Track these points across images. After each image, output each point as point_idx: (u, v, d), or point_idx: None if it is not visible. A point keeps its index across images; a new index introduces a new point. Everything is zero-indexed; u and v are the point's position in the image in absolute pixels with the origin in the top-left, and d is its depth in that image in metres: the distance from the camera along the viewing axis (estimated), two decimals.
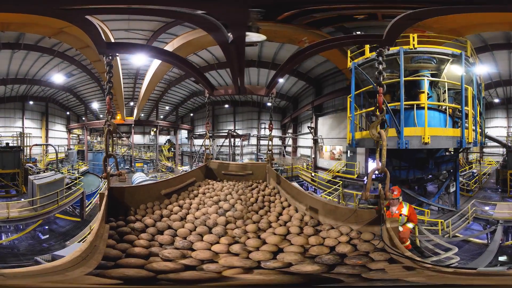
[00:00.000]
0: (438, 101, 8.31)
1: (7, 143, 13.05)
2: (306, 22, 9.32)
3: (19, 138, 13.94)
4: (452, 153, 9.20)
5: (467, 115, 7.51)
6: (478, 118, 8.53)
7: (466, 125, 7.40)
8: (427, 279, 1.52)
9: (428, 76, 8.17)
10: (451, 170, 9.26)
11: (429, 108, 7.57)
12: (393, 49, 7.73)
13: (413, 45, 7.73)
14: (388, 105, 7.63)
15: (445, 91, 8.34)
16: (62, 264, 1.45)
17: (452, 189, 9.19)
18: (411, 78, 8.11)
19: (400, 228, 4.72)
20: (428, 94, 7.99)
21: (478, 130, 8.61)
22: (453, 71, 8.20)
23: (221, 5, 1.63)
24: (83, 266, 1.52)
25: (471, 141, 7.65)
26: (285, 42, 12.26)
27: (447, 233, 7.30)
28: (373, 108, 7.97)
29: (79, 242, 9.31)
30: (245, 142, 23.40)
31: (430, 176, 9.13)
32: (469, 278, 1.43)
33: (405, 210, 4.70)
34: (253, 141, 23.27)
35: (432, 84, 8.32)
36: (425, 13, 1.66)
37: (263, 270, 1.75)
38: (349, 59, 9.04)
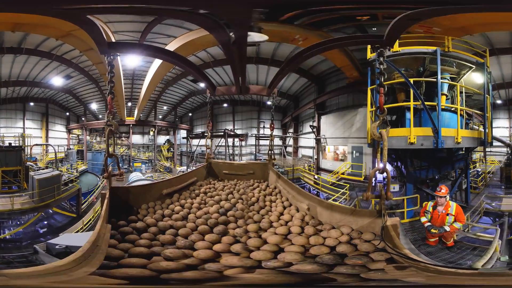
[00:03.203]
0: (452, 103, 8.55)
1: (10, 143, 14.38)
2: (308, 22, 9.35)
3: (21, 139, 15.52)
4: (463, 152, 9.51)
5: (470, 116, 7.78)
6: (489, 121, 8.97)
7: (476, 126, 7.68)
8: (427, 280, 1.51)
9: (447, 79, 8.47)
10: (463, 168, 9.62)
11: (446, 110, 7.88)
12: (425, 48, 7.96)
13: (448, 47, 7.86)
14: (403, 103, 8.01)
15: (460, 93, 8.55)
16: (65, 264, 1.45)
17: (463, 186, 9.57)
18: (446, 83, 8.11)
19: (447, 228, 4.66)
20: (447, 96, 8.24)
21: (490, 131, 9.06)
22: (472, 77, 8.62)
23: (225, 4, 1.62)
24: (86, 266, 1.52)
25: (490, 141, 8.17)
26: (279, 41, 12.22)
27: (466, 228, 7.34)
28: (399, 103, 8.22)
29: (75, 232, 9.87)
30: (243, 142, 23.11)
31: (439, 175, 9.39)
32: (470, 279, 1.42)
33: (452, 209, 4.56)
34: (252, 141, 22.81)
35: (449, 87, 8.59)
36: (425, 13, 1.65)
37: (263, 269, 1.75)
38: (369, 50, 9.10)
